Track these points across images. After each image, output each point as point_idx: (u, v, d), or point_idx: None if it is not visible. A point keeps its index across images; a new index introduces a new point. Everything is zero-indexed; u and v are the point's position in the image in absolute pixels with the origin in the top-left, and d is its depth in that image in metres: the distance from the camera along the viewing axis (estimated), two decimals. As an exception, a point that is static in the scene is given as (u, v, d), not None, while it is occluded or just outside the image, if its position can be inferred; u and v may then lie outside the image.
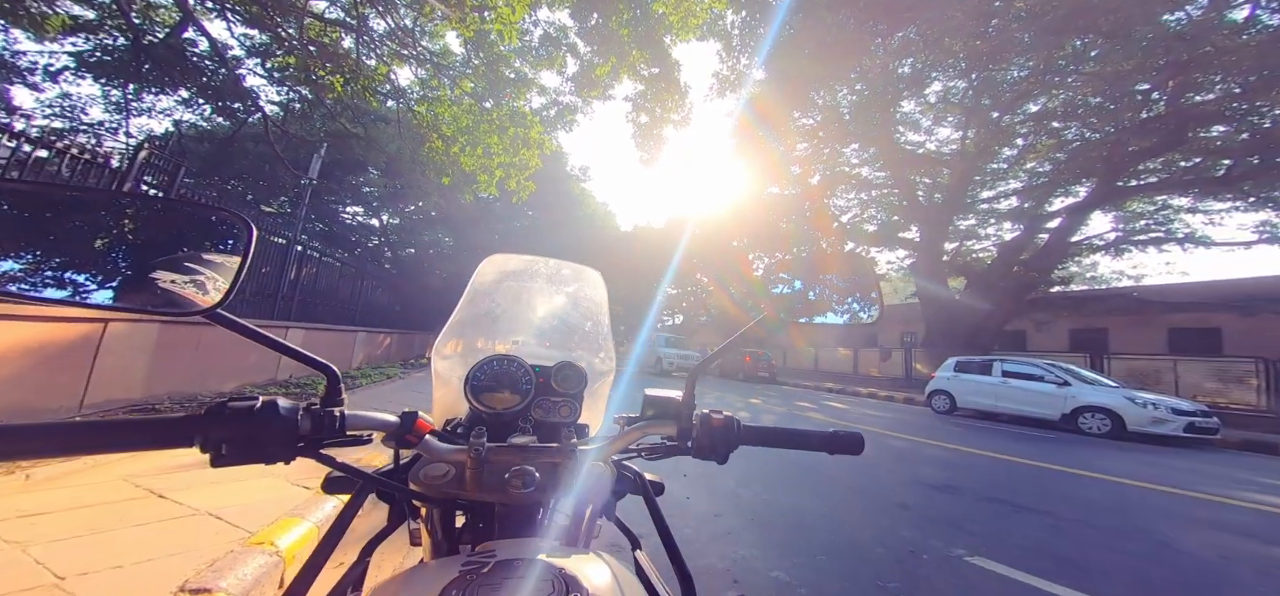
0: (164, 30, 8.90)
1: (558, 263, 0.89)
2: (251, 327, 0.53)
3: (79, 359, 4.33)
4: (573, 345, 0.81)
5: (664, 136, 14.17)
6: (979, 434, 7.70)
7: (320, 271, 9.80)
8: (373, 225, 22.93)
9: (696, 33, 11.27)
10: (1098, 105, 12.87)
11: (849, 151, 17.36)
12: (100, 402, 4.48)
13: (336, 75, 8.65)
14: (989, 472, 4.83)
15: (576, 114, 14.21)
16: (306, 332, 8.46)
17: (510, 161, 10.97)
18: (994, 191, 16.89)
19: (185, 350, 5.54)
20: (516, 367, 0.67)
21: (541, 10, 10.95)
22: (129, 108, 11.17)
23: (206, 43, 8.60)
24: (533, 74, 12.28)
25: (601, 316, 0.85)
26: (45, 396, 4.04)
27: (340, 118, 10.90)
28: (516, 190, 11.49)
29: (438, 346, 0.73)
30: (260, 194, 16.60)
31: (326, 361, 0.55)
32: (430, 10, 8.18)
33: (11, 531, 2.04)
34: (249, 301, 7.38)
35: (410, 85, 12.19)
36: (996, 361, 10.28)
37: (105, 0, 7.64)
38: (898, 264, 20.56)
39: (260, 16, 8.01)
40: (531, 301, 0.84)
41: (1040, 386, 9.18)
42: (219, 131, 14.12)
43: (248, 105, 11.55)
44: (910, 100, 15.76)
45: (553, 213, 23.77)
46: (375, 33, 9.28)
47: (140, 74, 9.29)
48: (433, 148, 10.21)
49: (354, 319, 11.17)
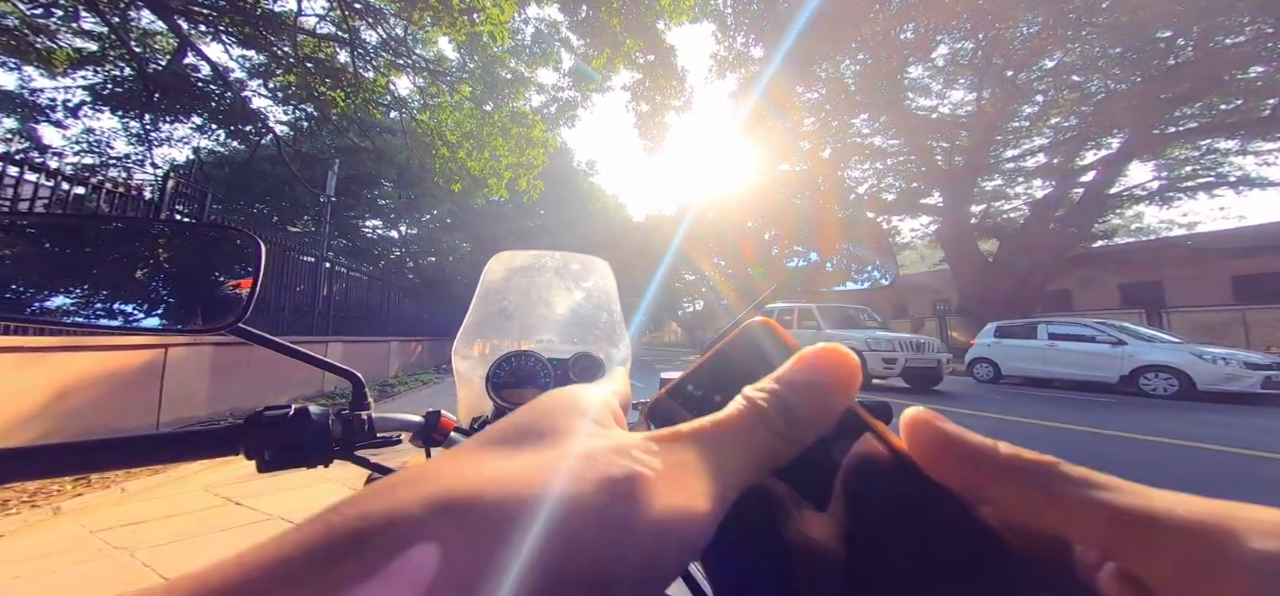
0: (165, 57, 9.30)
1: (565, 255, 0.90)
2: (272, 339, 0.56)
3: (149, 381, 4.77)
4: (587, 336, 0.82)
5: (666, 123, 13.97)
6: (1030, 402, 7.30)
7: (350, 286, 10.20)
8: (392, 237, 23.54)
9: (689, 15, 11.02)
10: (1119, 56, 12.06)
11: (858, 122, 16.79)
12: (171, 420, 4.90)
13: (337, 90, 8.85)
14: (1047, 443, 4.55)
15: (577, 109, 14.19)
16: (346, 345, 8.87)
17: (517, 162, 11.03)
18: (1018, 150, 16.05)
19: (239, 368, 5.95)
20: (534, 362, 0.69)
21: (530, 7, 10.93)
22: (149, 139, 11.74)
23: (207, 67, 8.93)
24: (529, 73, 12.29)
25: (613, 305, 0.86)
26: (124, 417, 4.47)
27: (348, 132, 11.18)
28: (526, 190, 11.56)
29: (457, 348, 0.75)
30: (284, 215, 17.24)
31: (349, 368, 0.59)
32: (419, 17, 8.23)
33: (118, 539, 2.40)
34: (289, 319, 7.73)
35: (410, 94, 12.37)
36: (1041, 324, 9.71)
37: (103, 31, 7.99)
38: (922, 231, 19.83)
39: (253, 36, 8.25)
40: (542, 296, 0.85)
41: (1093, 347, 8.64)
42: (236, 156, 14.72)
43: (258, 127, 11.97)
44: (917, 65, 15.12)
45: (564, 209, 23.90)
46: (368, 44, 9.42)
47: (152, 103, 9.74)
48: (439, 155, 10.33)
49: (386, 329, 11.61)
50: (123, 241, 0.59)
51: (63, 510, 2.80)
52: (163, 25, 8.14)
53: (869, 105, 15.43)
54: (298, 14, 8.65)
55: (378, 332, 11.07)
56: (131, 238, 0.60)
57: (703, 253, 25.52)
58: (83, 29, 8.20)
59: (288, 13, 8.63)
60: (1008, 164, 16.37)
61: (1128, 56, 12.05)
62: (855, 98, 15.23)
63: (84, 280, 0.54)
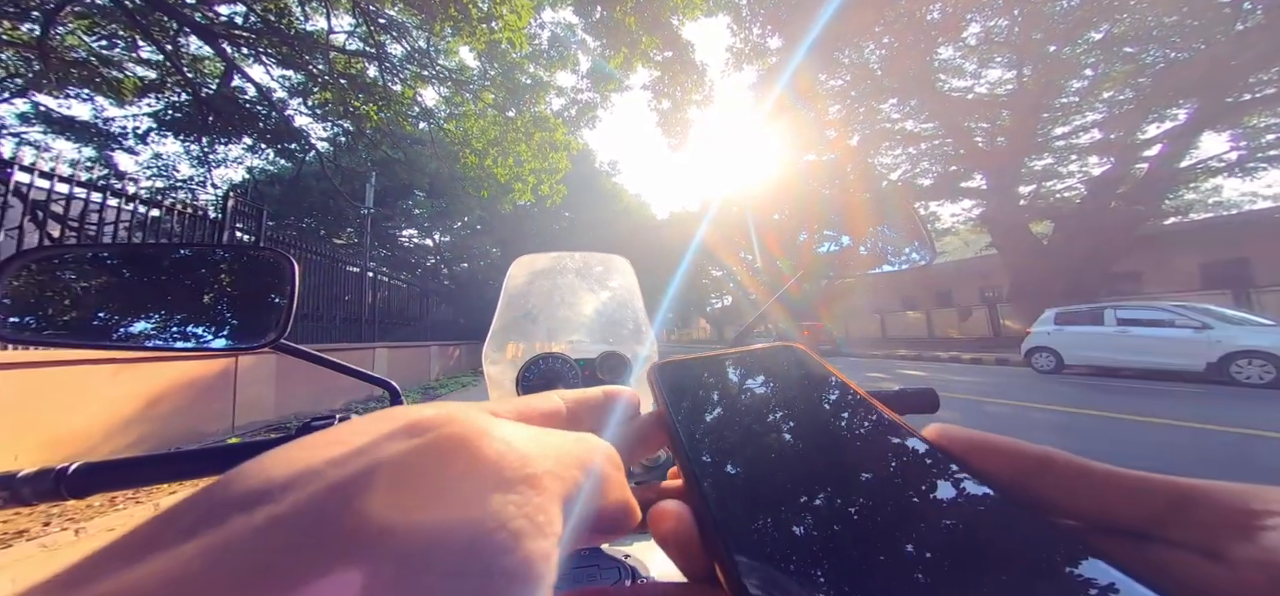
0: (215, 81, 10.18)
1: (585, 255, 0.91)
2: (310, 354, 0.60)
3: (224, 389, 5.23)
4: (612, 334, 0.83)
5: (688, 119, 13.90)
6: (1101, 393, 6.71)
7: (392, 294, 10.79)
8: (427, 245, 24.61)
9: (702, 8, 10.94)
10: (1176, 24, 10.94)
11: (887, 107, 16.09)
12: (244, 425, 5.34)
13: (370, 104, 9.38)
14: (1126, 437, 4.15)
15: (596, 110, 14.36)
16: (391, 351, 9.37)
17: (540, 167, 11.29)
18: (1069, 126, 14.87)
19: (300, 377, 6.41)
20: (561, 363, 0.70)
21: (546, 11, 11.17)
22: (208, 160, 12.86)
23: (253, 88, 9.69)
24: (548, 76, 12.56)
25: (636, 303, 0.86)
26: (205, 421, 4.93)
27: (382, 145, 11.83)
28: (550, 195, 11.80)
29: (486, 353, 0.77)
30: (330, 227, 18.37)
31: (385, 378, 0.62)
32: (439, 28, 8.60)
33: None
34: (340, 327, 8.26)
35: (436, 105, 12.93)
36: (1109, 308, 8.87)
37: (160, 59, 8.86)
38: (964, 216, 18.71)
39: (291, 56, 8.88)
40: (566, 298, 0.86)
41: (1172, 332, 7.84)
42: (285, 173, 15.87)
43: (302, 144, 12.86)
44: (947, 46, 14.29)
45: (588, 211, 24.27)
46: (394, 58, 9.93)
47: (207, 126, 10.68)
48: (467, 163, 10.73)
49: (426, 334, 12.21)
50: (174, 268, 0.64)
51: (161, 506, 3.05)
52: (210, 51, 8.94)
53: (898, 89, 14.75)
54: (328, 32, 9.25)
55: (419, 338, 11.64)
56: (181, 264, 0.65)
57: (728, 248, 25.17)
58: (142, 58, 9.15)
59: (319, 31, 9.26)
60: (1058, 141, 15.19)
61: (1187, 24, 10.96)
62: (882, 82, 14.61)
63: (144, 305, 0.59)
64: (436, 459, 0.11)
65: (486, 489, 0.11)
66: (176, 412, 4.62)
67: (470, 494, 0.10)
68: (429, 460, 0.11)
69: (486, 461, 0.11)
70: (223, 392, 5.22)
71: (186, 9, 8.16)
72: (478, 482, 0.11)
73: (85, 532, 2.76)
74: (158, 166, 13.58)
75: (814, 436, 0.19)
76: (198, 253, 0.70)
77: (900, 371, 10.99)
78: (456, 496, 0.10)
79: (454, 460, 0.11)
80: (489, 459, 0.11)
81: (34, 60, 7.81)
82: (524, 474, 0.12)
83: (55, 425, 3.78)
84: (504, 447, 0.12)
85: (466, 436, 0.12)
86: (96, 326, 0.56)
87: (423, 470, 0.11)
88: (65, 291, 0.58)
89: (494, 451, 0.12)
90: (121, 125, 11.80)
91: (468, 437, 0.12)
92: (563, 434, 0.15)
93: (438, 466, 0.11)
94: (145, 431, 4.35)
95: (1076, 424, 4.74)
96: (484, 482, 0.11)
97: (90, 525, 2.80)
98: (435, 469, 0.11)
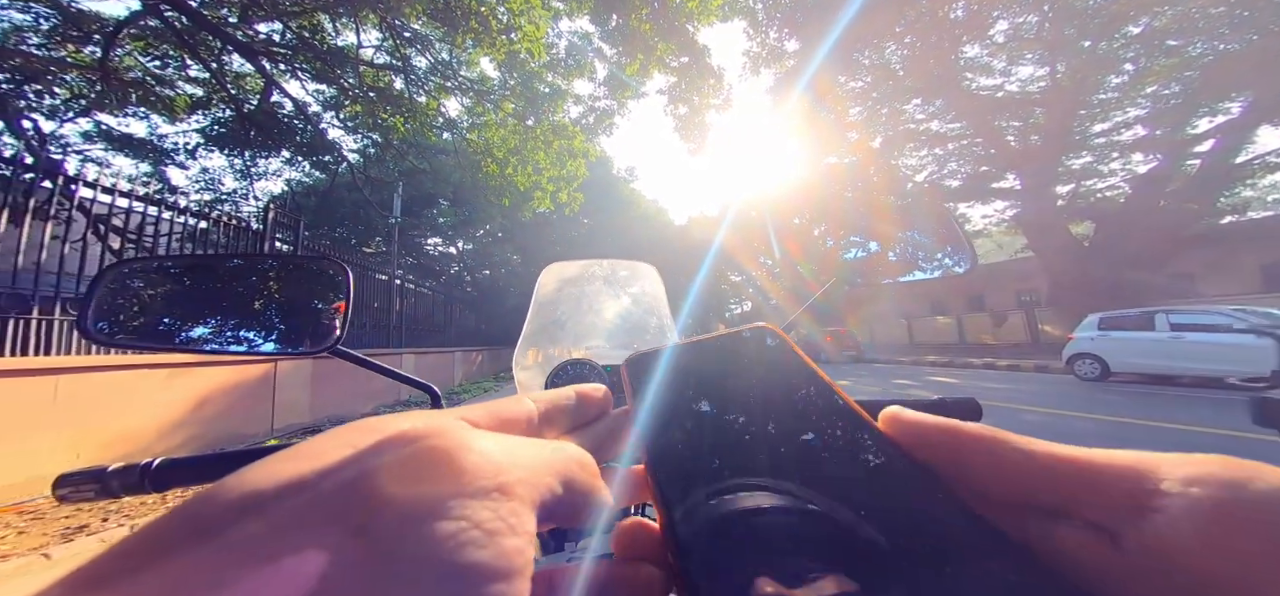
0: (255, 97, 10.76)
1: (613, 262, 0.92)
2: (368, 359, 0.62)
3: (264, 393, 5.58)
4: (638, 339, 0.85)
5: (706, 123, 13.88)
6: (1153, 402, 6.39)
7: (418, 301, 11.14)
8: (451, 253, 25.22)
9: (717, 14, 10.97)
10: (1223, 15, 10.34)
11: (911, 107, 15.70)
12: (282, 428, 5.67)
13: (397, 116, 9.75)
14: (1183, 448, 3.93)
15: (613, 117, 14.49)
16: (417, 356, 9.66)
17: (559, 175, 11.48)
18: (1109, 122, 14.16)
19: (332, 381, 6.78)
20: (588, 369, 0.70)
21: (562, 21, 11.38)
22: (250, 173, 13.56)
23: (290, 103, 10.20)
24: (565, 85, 12.77)
25: (661, 308, 0.88)
26: (247, 423, 5.27)
27: (408, 155, 12.27)
28: (568, 202, 11.97)
29: (516, 358, 0.79)
30: (360, 237, 19.07)
31: (428, 383, 0.65)
32: (461, 40, 8.88)
33: None
34: (369, 333, 8.58)
35: (459, 115, 13.30)
36: (1160, 313, 8.36)
37: (206, 77, 9.46)
38: (997, 218, 18.06)
39: (324, 71, 9.33)
40: (593, 304, 0.87)
41: (1233, 338, 7.37)
42: (319, 185, 16.58)
43: (335, 156, 13.43)
44: (973, 44, 13.85)
45: (606, 217, 24.47)
46: (419, 70, 10.30)
47: (249, 140, 11.29)
48: (488, 172, 11.01)
49: (450, 340, 12.53)
50: (237, 276, 0.67)
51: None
52: (251, 68, 9.47)
53: (922, 89, 14.37)
54: (357, 46, 9.67)
55: (443, 344, 11.95)
56: (243, 272, 0.68)
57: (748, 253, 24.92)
58: (191, 76, 9.77)
59: (350, 46, 9.70)
60: (1097, 139, 14.49)
61: (1237, 15, 10.36)
62: (905, 83, 14.26)
63: (212, 312, 0.62)
64: (417, 469, 0.12)
65: (464, 496, 0.12)
66: (220, 416, 4.92)
67: (450, 500, 0.11)
68: (411, 471, 0.12)
69: (464, 471, 0.12)
70: (263, 397, 5.54)
71: (229, 28, 8.69)
72: (456, 490, 0.12)
73: (137, 529, 2.95)
74: (205, 180, 14.43)
75: (766, 423, 0.20)
76: (261, 262, 0.74)
77: (930, 378, 10.67)
78: (437, 503, 0.11)
79: (435, 470, 0.12)
80: (466, 469, 0.12)
81: (96, 81, 8.44)
82: (497, 482, 0.13)
83: (114, 426, 4.06)
84: (480, 459, 0.13)
85: (448, 449, 0.13)
86: (173, 331, 0.60)
87: (406, 480, 0.12)
88: (146, 299, 0.63)
89: (470, 462, 0.13)
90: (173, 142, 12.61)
91: (448, 450, 0.13)
92: (539, 443, 0.16)
93: (419, 477, 0.12)
94: (192, 433, 4.63)
95: (1124, 434, 4.52)
96: (462, 490, 0.12)
97: (141, 521, 2.99)
98: (416, 479, 0.12)
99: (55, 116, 10.03)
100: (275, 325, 0.62)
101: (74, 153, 11.46)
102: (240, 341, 0.60)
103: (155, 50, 9.30)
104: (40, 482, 3.54)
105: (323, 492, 0.11)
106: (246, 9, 8.59)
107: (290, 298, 0.65)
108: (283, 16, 8.87)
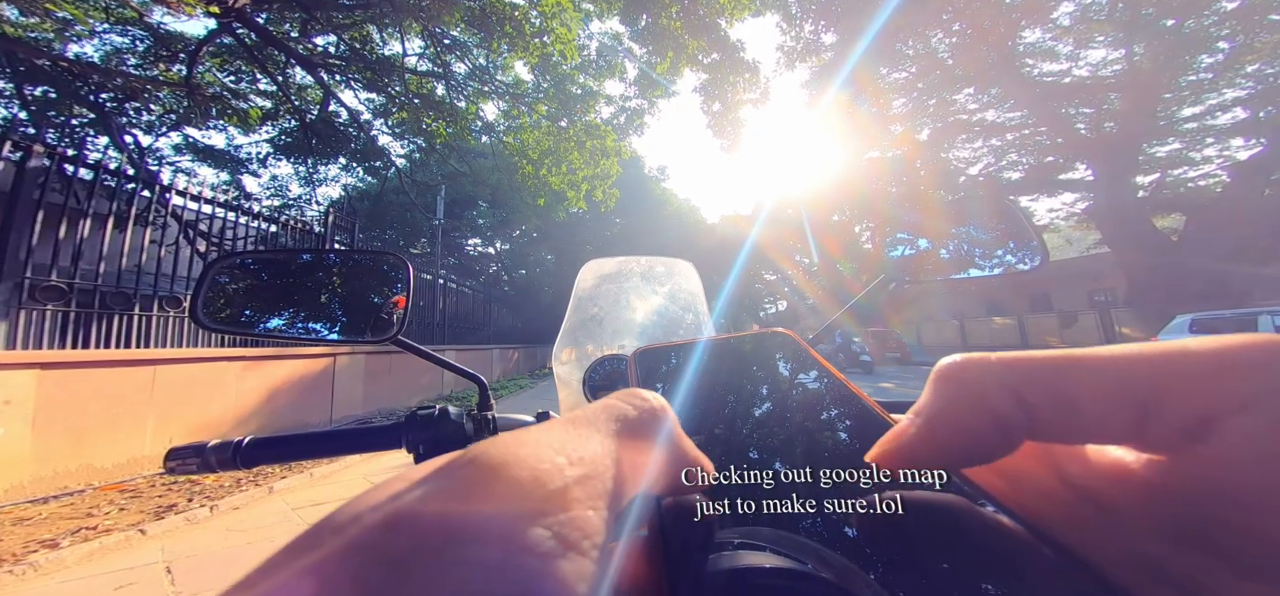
0: (316, 107, 11.63)
1: (650, 259, 0.93)
2: (425, 350, 0.68)
3: (324, 385, 6.12)
4: (674, 336, 0.85)
5: (741, 120, 13.67)
6: None
7: (459, 300, 11.72)
8: (489, 253, 26.16)
9: (750, 8, 10.78)
10: None
11: (963, 97, 14.77)
12: (340, 418, 6.26)
13: (439, 121, 10.28)
14: None
15: (644, 116, 14.56)
16: (458, 353, 10.27)
17: (593, 174, 11.69)
18: (1201, 106, 12.78)
19: (384, 374, 7.34)
20: (624, 364, 0.70)
21: (593, 23, 11.54)
22: (313, 180, 14.66)
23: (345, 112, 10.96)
24: (597, 86, 12.97)
25: (698, 306, 0.88)
26: (310, 413, 5.83)
27: (449, 159, 12.88)
28: (603, 200, 12.17)
29: (556, 354, 0.80)
30: (406, 238, 20.16)
31: (477, 373, 0.70)
32: (497, 45, 9.23)
33: (310, 516, 3.10)
34: (414, 331, 9.08)
35: (496, 119, 13.78)
36: (1265, 314, 7.65)
37: (273, 89, 10.35)
38: (1065, 211, 16.72)
39: (373, 80, 9.97)
40: (631, 301, 0.88)
41: None
42: (371, 189, 17.68)
43: (385, 161, 14.29)
44: (1033, 29, 12.85)
45: (638, 217, 24.64)
46: (458, 76, 10.78)
47: (311, 148, 12.22)
48: (524, 173, 11.37)
49: (488, 338, 13.08)
50: (308, 271, 0.72)
51: (275, 490, 3.71)
52: (311, 80, 10.24)
53: (974, 78, 13.50)
54: (402, 55, 10.26)
55: (482, 341, 12.48)
56: (314, 267, 0.73)
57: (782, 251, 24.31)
58: (260, 90, 10.73)
59: (395, 55, 10.30)
60: (1187, 124, 13.12)
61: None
62: (954, 72, 13.45)
63: (287, 304, 0.67)
64: (466, 492, 0.11)
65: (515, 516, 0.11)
66: (287, 406, 5.44)
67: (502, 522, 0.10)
68: (461, 492, 0.11)
69: (517, 483, 0.11)
70: (324, 389, 6.10)
71: (291, 42, 9.45)
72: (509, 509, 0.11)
73: (217, 510, 3.31)
74: (274, 187, 15.78)
75: (773, 425, 0.19)
76: (329, 257, 0.78)
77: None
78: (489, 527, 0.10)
79: (484, 490, 0.11)
80: (519, 483, 0.11)
81: (184, 97, 9.44)
82: (552, 489, 0.11)
83: (199, 413, 4.57)
84: (530, 471, 0.12)
85: (492, 466, 0.12)
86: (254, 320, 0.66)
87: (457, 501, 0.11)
88: (232, 292, 0.69)
89: (521, 476, 0.11)
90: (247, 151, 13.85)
91: (494, 467, 0.12)
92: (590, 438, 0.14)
93: (468, 498, 0.11)
94: (263, 421, 5.13)
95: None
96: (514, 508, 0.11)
97: (221, 503, 3.37)
98: (464, 501, 0.11)
99: (151, 131, 11.27)
100: (340, 317, 0.67)
101: (167, 164, 12.83)
102: (310, 332, 0.65)
103: (230, 66, 10.30)
104: (139, 463, 4.05)
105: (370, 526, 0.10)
106: (305, 24, 9.33)
107: (355, 291, 0.70)
108: (336, 29, 9.57)
